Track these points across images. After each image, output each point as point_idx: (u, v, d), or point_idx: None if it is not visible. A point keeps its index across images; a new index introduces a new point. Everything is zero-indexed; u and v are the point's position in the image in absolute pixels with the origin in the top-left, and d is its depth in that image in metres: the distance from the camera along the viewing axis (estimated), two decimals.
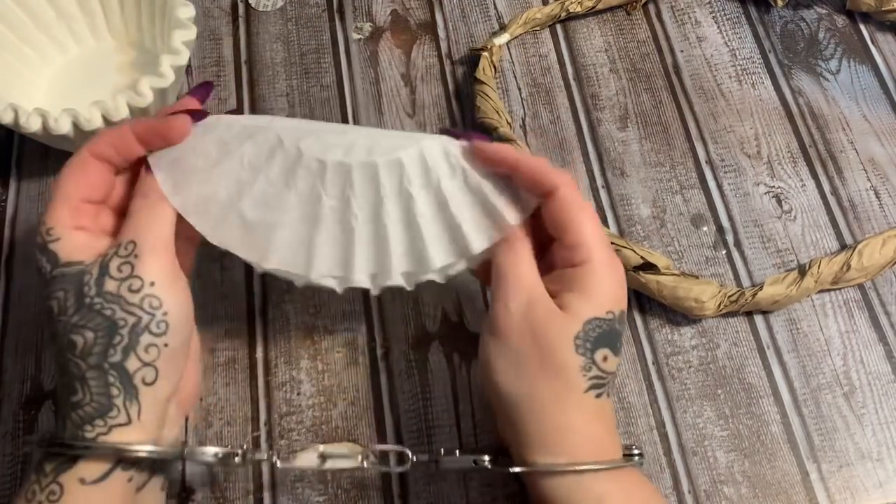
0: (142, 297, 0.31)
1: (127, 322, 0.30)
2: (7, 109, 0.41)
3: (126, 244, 0.31)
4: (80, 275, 0.31)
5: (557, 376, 0.31)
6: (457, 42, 0.53)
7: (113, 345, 0.30)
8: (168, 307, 0.31)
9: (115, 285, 0.31)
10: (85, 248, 0.32)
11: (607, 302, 0.32)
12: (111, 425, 0.30)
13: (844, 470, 0.41)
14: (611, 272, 0.33)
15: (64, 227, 0.32)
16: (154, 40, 0.49)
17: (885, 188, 0.48)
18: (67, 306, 0.31)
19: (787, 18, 0.54)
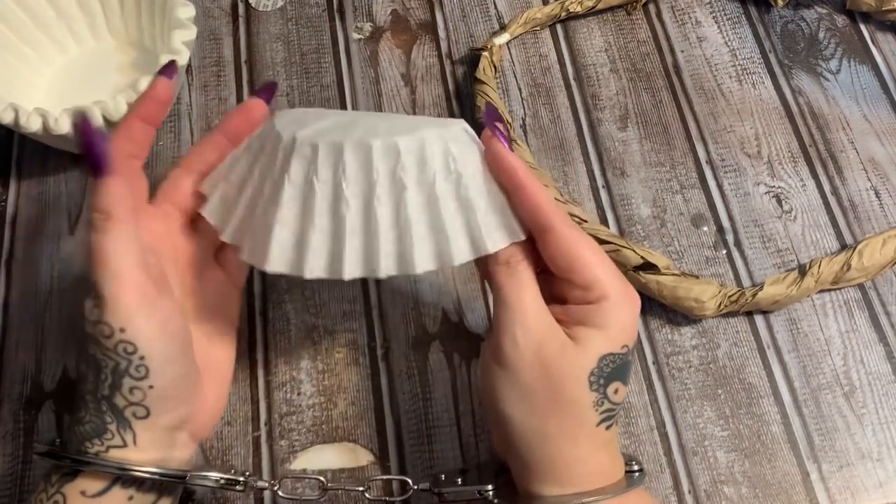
0: (115, 343, 0.29)
1: (107, 364, 0.29)
2: (7, 109, 0.41)
3: (91, 285, 0.29)
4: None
5: (570, 412, 0.30)
6: (457, 42, 0.53)
7: (100, 381, 0.30)
8: (144, 351, 0.29)
9: (91, 328, 0.29)
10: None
11: (623, 336, 0.31)
12: (108, 445, 0.30)
13: (845, 470, 0.41)
14: (629, 306, 0.31)
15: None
16: (154, 40, 0.49)
17: (886, 188, 0.48)
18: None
19: (788, 18, 0.54)
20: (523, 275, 0.32)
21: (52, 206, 0.46)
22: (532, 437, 0.31)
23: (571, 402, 0.30)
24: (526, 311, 0.31)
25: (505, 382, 0.31)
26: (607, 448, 0.32)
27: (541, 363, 0.30)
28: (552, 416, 0.30)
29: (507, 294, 0.31)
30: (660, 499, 0.40)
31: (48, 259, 0.45)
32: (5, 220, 0.46)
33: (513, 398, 0.31)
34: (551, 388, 0.30)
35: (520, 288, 0.31)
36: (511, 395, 0.31)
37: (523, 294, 0.31)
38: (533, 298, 0.31)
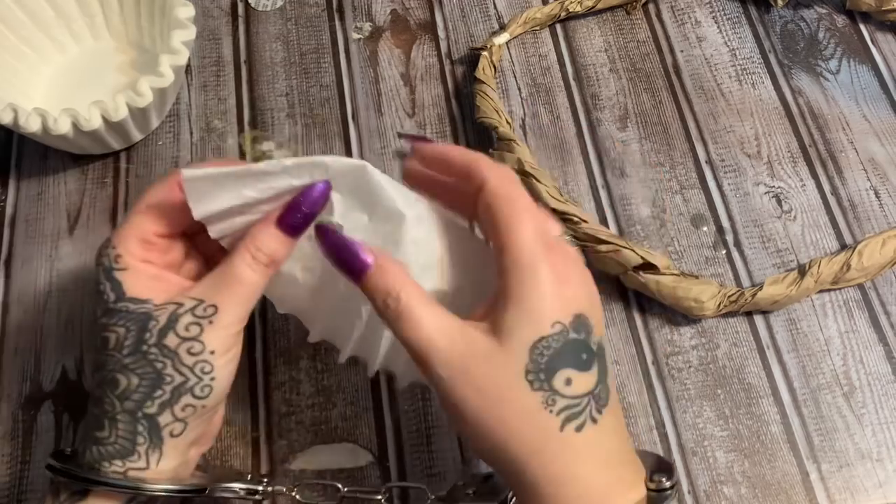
0: (196, 361, 0.30)
1: (174, 380, 0.30)
2: (7, 109, 0.41)
3: (207, 306, 0.30)
4: (145, 318, 0.30)
5: (525, 425, 0.27)
6: (456, 42, 0.53)
7: (153, 397, 0.30)
8: (218, 374, 0.30)
9: (175, 342, 0.30)
10: (154, 285, 0.31)
11: (551, 311, 0.27)
12: (129, 468, 0.30)
13: (844, 470, 0.40)
14: (552, 272, 0.27)
15: (132, 257, 0.31)
16: (154, 40, 0.49)
17: (885, 188, 0.48)
18: (124, 345, 0.30)
19: (787, 18, 0.54)
20: (409, 309, 0.28)
21: (51, 206, 0.46)
22: (506, 469, 0.28)
23: (521, 414, 0.26)
24: (430, 343, 0.27)
25: (461, 426, 0.28)
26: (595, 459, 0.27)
27: (473, 387, 0.27)
28: (510, 439, 0.27)
29: (405, 339, 0.28)
30: None
31: (48, 259, 0.45)
32: (5, 220, 0.46)
33: (473, 437, 0.28)
34: (495, 408, 0.27)
35: (412, 325, 0.27)
36: (470, 435, 0.28)
37: (419, 330, 0.27)
38: (430, 323, 0.27)
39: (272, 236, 0.31)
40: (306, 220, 0.31)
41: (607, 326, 0.44)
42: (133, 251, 0.31)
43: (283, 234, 0.31)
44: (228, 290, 0.30)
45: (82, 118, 0.41)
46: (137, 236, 0.31)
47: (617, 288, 0.45)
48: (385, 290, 0.28)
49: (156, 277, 0.31)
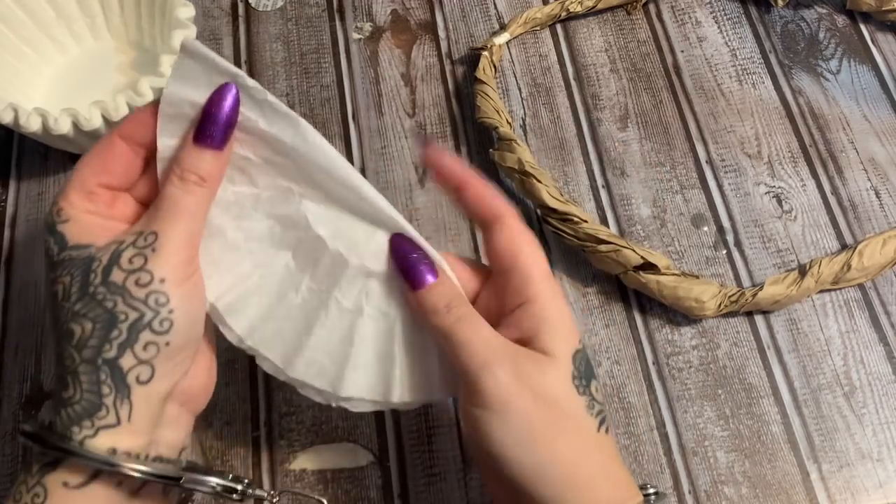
0: (147, 293, 0.28)
1: (128, 317, 0.28)
2: (7, 109, 0.41)
3: (147, 234, 0.29)
4: (88, 261, 0.29)
5: (571, 428, 0.29)
6: (457, 42, 0.53)
7: (109, 339, 0.28)
8: (175, 305, 0.29)
9: (121, 276, 0.28)
10: (96, 230, 0.30)
11: (574, 330, 0.30)
12: (98, 427, 0.28)
13: (845, 470, 0.40)
14: (562, 300, 0.31)
15: (74, 208, 0.30)
16: (154, 40, 0.49)
17: (886, 188, 0.48)
18: (71, 292, 0.29)
19: (788, 18, 0.54)
20: (470, 314, 0.30)
21: None
22: (543, 471, 0.29)
23: (569, 417, 0.29)
24: (490, 343, 0.29)
25: (496, 425, 0.29)
26: (617, 458, 0.30)
27: (530, 391, 0.29)
28: (558, 439, 0.29)
29: (462, 337, 0.30)
30: None
31: None
32: (5, 220, 0.46)
33: (510, 438, 0.29)
34: (546, 410, 0.29)
35: (471, 325, 0.30)
36: (507, 436, 0.29)
37: (479, 329, 0.30)
38: (489, 330, 0.30)
39: (193, 153, 0.30)
40: (223, 129, 0.30)
41: (608, 326, 0.44)
42: (75, 203, 0.30)
43: (204, 148, 0.30)
44: (165, 214, 0.29)
45: (83, 118, 0.41)
46: (78, 189, 0.30)
47: (617, 288, 0.45)
48: (451, 296, 0.31)
49: (98, 224, 0.30)
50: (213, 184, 0.31)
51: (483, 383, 0.29)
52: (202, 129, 0.30)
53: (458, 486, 0.40)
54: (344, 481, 0.40)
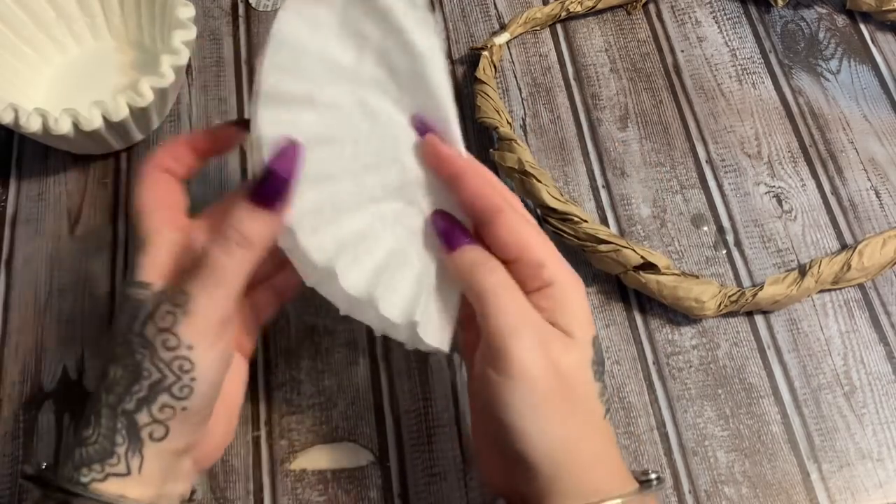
0: (173, 357, 0.27)
1: (151, 375, 0.27)
2: (7, 109, 0.41)
3: (178, 293, 0.28)
4: (138, 305, 0.28)
5: (584, 410, 0.29)
6: (457, 42, 0.53)
7: (132, 392, 0.27)
8: (199, 374, 0.28)
9: (153, 332, 0.27)
10: (160, 269, 0.29)
11: (590, 317, 0.31)
12: (108, 473, 0.27)
13: (845, 470, 0.40)
14: (578, 287, 0.31)
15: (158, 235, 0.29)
16: (154, 40, 0.49)
17: (886, 188, 0.48)
18: (117, 333, 0.28)
19: (788, 18, 0.54)
20: (506, 279, 0.30)
21: (52, 206, 0.46)
22: (553, 447, 0.28)
23: (585, 399, 0.29)
24: (523, 311, 0.29)
25: (516, 394, 0.28)
26: (615, 444, 0.31)
27: (551, 364, 0.28)
28: (568, 418, 0.29)
29: (500, 300, 0.29)
30: (660, 499, 0.40)
31: (48, 259, 0.45)
32: (5, 220, 0.46)
33: (526, 409, 0.28)
34: (564, 387, 0.29)
35: (508, 290, 0.30)
36: (524, 406, 0.28)
37: (516, 296, 0.30)
38: (524, 299, 0.30)
39: (246, 212, 0.28)
40: (283, 190, 0.28)
41: (608, 326, 0.44)
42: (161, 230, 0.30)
43: (259, 209, 0.28)
44: (199, 275, 0.28)
45: (83, 118, 0.41)
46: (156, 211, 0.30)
47: (617, 288, 0.45)
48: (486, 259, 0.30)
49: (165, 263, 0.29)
50: (260, 247, 0.29)
51: (510, 349, 0.28)
52: (261, 188, 0.28)
53: (458, 486, 0.40)
54: (344, 481, 0.40)
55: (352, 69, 0.31)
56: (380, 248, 0.32)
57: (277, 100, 0.30)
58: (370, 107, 0.31)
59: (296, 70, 0.30)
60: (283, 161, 0.29)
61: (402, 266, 0.32)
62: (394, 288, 0.31)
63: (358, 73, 0.31)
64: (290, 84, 0.30)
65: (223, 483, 0.39)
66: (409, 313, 0.31)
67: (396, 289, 0.31)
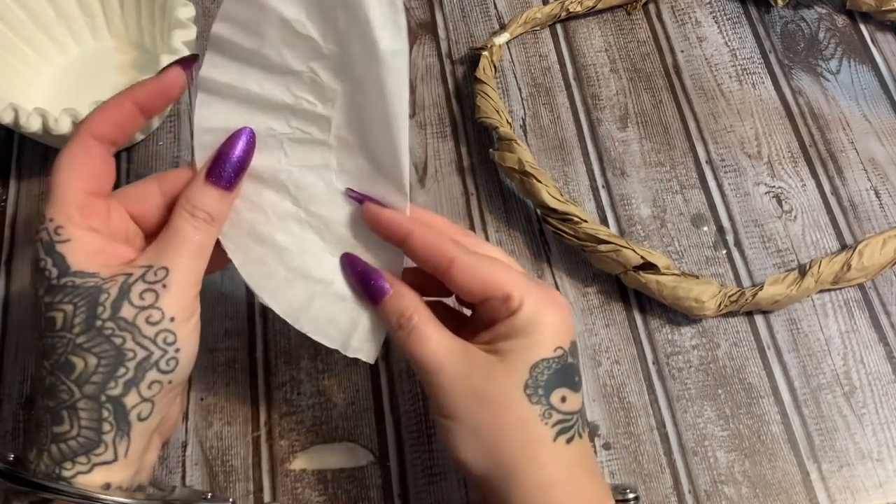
0: (157, 331, 0.28)
1: (136, 355, 0.28)
2: (7, 109, 0.41)
3: (157, 269, 0.29)
4: (95, 292, 0.28)
5: (521, 434, 0.29)
6: (457, 42, 0.53)
7: (115, 377, 0.27)
8: (181, 344, 0.29)
9: (132, 313, 0.28)
10: (100, 256, 0.29)
11: (553, 339, 0.30)
12: (95, 463, 0.27)
13: (845, 470, 0.41)
14: (553, 308, 0.30)
15: (75, 226, 0.28)
16: (154, 40, 0.49)
17: (886, 188, 0.48)
18: (74, 323, 0.28)
19: (788, 18, 0.54)
20: (419, 327, 0.31)
21: None
22: (494, 474, 0.29)
23: (518, 423, 0.29)
24: (436, 357, 0.30)
25: (453, 432, 0.30)
26: (581, 468, 0.30)
27: (474, 395, 0.29)
28: (505, 444, 0.29)
29: (414, 353, 0.30)
30: (660, 499, 0.40)
31: None
32: (5, 220, 0.46)
33: (463, 443, 0.29)
34: (493, 415, 0.29)
35: (421, 341, 0.30)
36: (461, 441, 0.29)
37: (427, 345, 0.30)
38: (438, 340, 0.30)
39: (205, 192, 0.30)
40: (236, 171, 0.31)
41: (608, 326, 0.44)
42: (74, 219, 0.28)
43: (217, 188, 0.31)
44: (175, 249, 0.29)
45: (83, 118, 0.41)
46: (73, 201, 0.29)
47: (617, 288, 0.45)
48: (400, 311, 0.31)
49: (100, 250, 0.29)
50: (221, 223, 0.31)
51: (430, 391, 0.30)
52: (215, 169, 0.31)
53: (458, 486, 0.40)
54: (344, 481, 0.40)
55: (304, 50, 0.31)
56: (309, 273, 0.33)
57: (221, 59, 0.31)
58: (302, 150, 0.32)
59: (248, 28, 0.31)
60: (237, 143, 0.31)
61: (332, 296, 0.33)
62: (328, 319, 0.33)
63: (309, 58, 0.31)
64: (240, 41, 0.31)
65: (223, 483, 0.39)
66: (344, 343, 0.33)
67: (331, 320, 0.33)
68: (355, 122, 0.32)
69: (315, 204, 0.33)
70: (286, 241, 0.33)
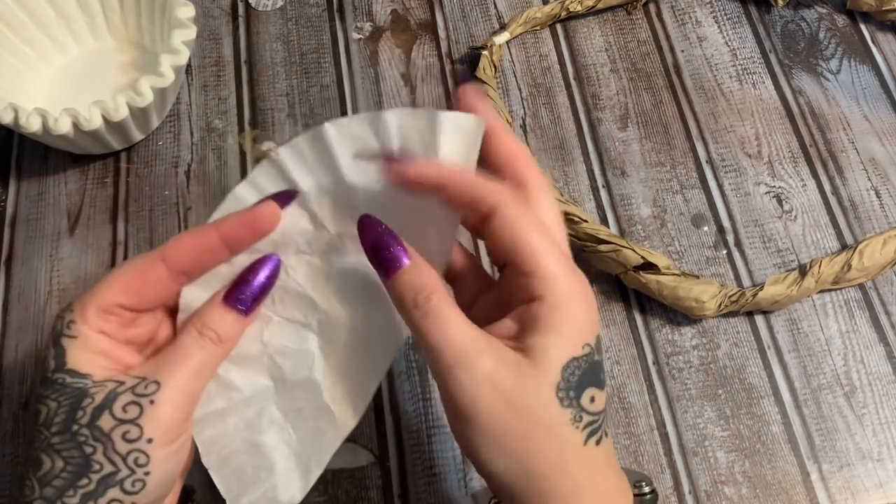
0: (130, 450, 0.26)
1: (102, 468, 0.26)
2: (7, 109, 0.41)
3: (149, 383, 0.27)
4: (80, 394, 0.27)
5: (550, 440, 0.27)
6: (457, 42, 0.53)
7: (76, 486, 0.26)
8: (153, 467, 0.27)
9: (110, 425, 0.27)
10: (98, 359, 0.28)
11: (581, 334, 0.27)
12: None
13: (845, 470, 0.40)
14: (580, 297, 0.27)
15: (86, 325, 0.28)
16: (154, 40, 0.49)
17: (886, 188, 0.48)
18: (54, 421, 0.27)
19: (788, 18, 0.54)
20: (440, 308, 0.27)
21: (52, 206, 0.46)
22: (520, 482, 0.27)
23: (548, 429, 0.27)
24: (460, 346, 0.26)
25: (475, 436, 0.27)
26: (608, 467, 0.28)
27: (501, 399, 0.26)
28: (536, 453, 0.27)
29: (432, 337, 0.27)
30: (660, 499, 0.40)
31: (48, 259, 0.45)
32: (5, 220, 0.46)
33: (488, 449, 0.27)
34: (522, 420, 0.26)
35: (441, 325, 0.27)
36: (486, 447, 0.27)
37: (448, 331, 0.27)
38: (460, 327, 0.27)
39: (219, 313, 0.29)
40: (256, 297, 0.29)
41: (608, 326, 0.44)
42: (89, 319, 0.28)
43: (231, 310, 0.29)
44: (173, 366, 0.28)
45: (83, 118, 0.41)
46: (98, 304, 0.28)
47: (617, 288, 0.45)
48: (419, 286, 0.27)
49: (103, 352, 0.28)
50: (229, 347, 0.29)
51: (449, 388, 0.27)
52: (234, 292, 0.29)
53: (458, 486, 0.40)
54: (344, 481, 0.40)
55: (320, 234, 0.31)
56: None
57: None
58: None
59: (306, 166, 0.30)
60: (261, 270, 0.30)
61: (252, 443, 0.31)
62: (237, 466, 0.31)
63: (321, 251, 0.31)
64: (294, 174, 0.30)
65: None
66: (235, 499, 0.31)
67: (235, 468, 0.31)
68: (352, 302, 0.31)
69: (282, 356, 0.31)
70: (238, 379, 0.31)
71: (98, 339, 0.28)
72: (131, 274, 0.28)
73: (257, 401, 0.31)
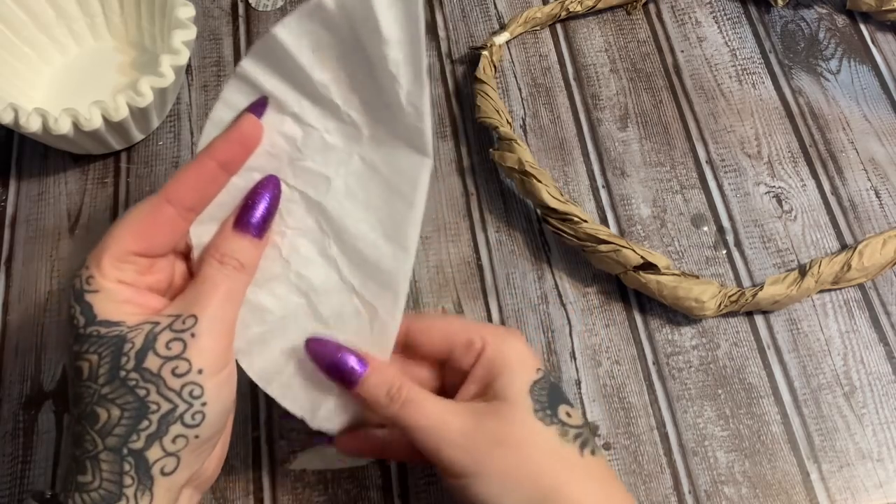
0: (183, 384, 0.27)
1: (160, 407, 0.27)
2: (7, 109, 0.41)
3: (185, 318, 0.28)
4: (119, 341, 0.27)
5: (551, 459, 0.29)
6: (457, 41, 0.53)
7: (138, 430, 0.27)
8: (209, 398, 0.27)
9: (157, 364, 0.27)
10: (126, 306, 0.28)
11: (531, 360, 0.31)
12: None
13: (845, 470, 0.40)
14: (514, 335, 0.32)
15: (104, 278, 0.28)
16: (154, 40, 0.49)
17: (886, 188, 0.48)
18: (99, 373, 0.27)
19: (788, 18, 0.54)
20: (411, 394, 0.30)
21: (52, 206, 0.46)
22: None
23: (545, 450, 0.29)
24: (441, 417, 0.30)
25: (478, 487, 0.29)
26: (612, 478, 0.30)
27: (493, 441, 0.29)
28: (542, 476, 0.29)
29: (413, 420, 0.30)
30: (660, 499, 0.40)
31: (48, 259, 0.45)
32: (5, 220, 0.46)
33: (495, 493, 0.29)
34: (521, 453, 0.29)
35: (418, 407, 0.30)
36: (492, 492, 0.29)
37: (425, 408, 0.30)
38: (435, 402, 0.30)
39: (234, 240, 0.30)
40: (265, 218, 0.30)
41: (608, 326, 0.44)
42: (106, 271, 0.28)
43: (244, 235, 0.30)
44: (204, 298, 0.28)
45: (83, 118, 0.41)
46: (112, 255, 0.28)
47: (617, 288, 0.45)
48: (388, 383, 0.30)
49: (129, 299, 0.28)
50: (251, 271, 0.30)
51: (441, 454, 0.29)
52: (243, 217, 0.30)
53: None
54: (344, 481, 0.40)
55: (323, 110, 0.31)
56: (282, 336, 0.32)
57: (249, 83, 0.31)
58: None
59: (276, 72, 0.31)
60: (263, 191, 0.31)
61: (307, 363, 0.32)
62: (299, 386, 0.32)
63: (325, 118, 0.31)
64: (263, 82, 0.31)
65: (223, 483, 0.39)
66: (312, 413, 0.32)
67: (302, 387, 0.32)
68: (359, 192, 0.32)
69: (306, 268, 0.32)
70: (268, 301, 0.32)
71: (119, 288, 0.28)
72: (140, 220, 0.29)
73: (293, 320, 0.32)
